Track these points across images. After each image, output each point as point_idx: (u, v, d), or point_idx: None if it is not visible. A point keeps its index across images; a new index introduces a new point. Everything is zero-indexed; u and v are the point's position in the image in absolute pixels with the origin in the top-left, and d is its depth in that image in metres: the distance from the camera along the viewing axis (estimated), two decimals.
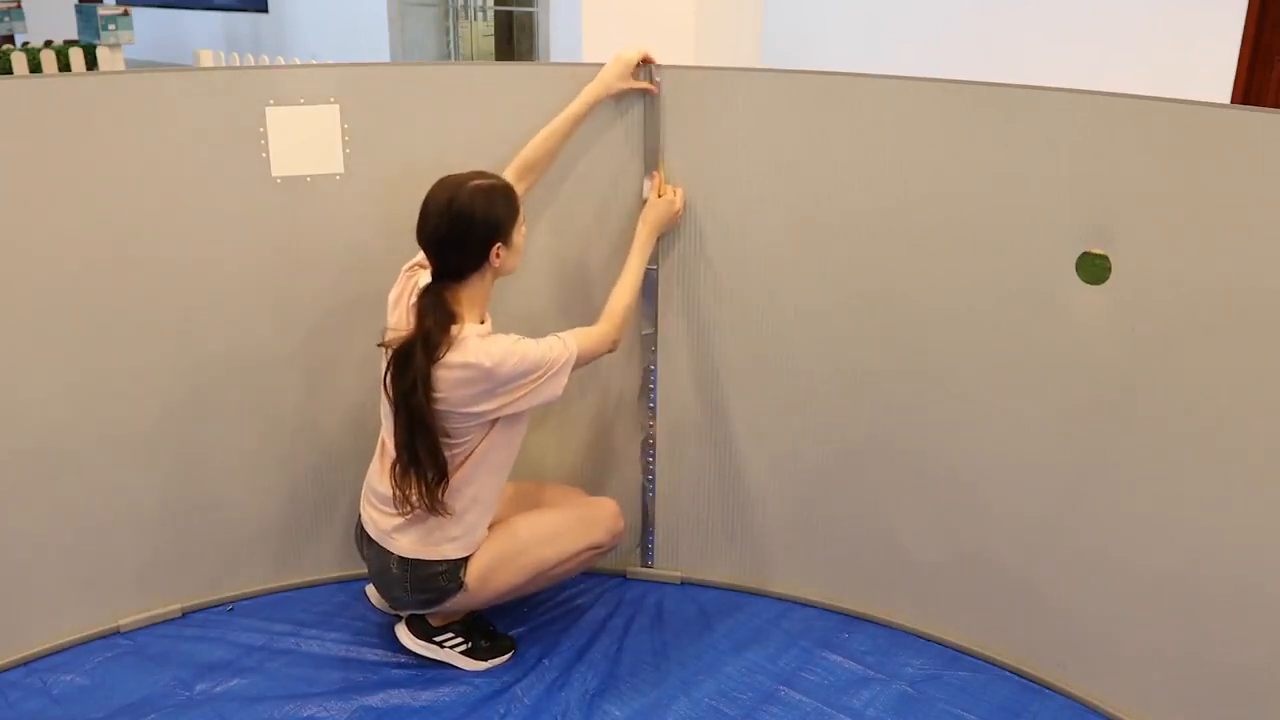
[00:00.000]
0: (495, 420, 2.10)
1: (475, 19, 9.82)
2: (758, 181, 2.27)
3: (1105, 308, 2.00)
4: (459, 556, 2.16)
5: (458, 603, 2.22)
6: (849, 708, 2.21)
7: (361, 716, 2.17)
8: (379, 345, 2.09)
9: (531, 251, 2.34)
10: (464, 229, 2.01)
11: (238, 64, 7.25)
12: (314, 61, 5.47)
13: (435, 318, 2.02)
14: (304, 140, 2.26)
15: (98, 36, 7.18)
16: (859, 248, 2.25)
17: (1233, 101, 5.38)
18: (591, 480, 2.59)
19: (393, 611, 2.40)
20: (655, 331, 2.44)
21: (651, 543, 2.64)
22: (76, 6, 7.49)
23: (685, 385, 2.48)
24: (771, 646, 2.41)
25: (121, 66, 7.09)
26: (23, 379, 2.17)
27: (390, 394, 2.04)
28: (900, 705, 2.22)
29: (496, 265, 2.07)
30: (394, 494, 2.09)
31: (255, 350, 2.37)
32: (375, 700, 2.22)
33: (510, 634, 2.40)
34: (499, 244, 2.05)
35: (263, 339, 2.37)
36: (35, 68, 6.59)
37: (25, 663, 2.31)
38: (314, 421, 2.46)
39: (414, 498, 2.08)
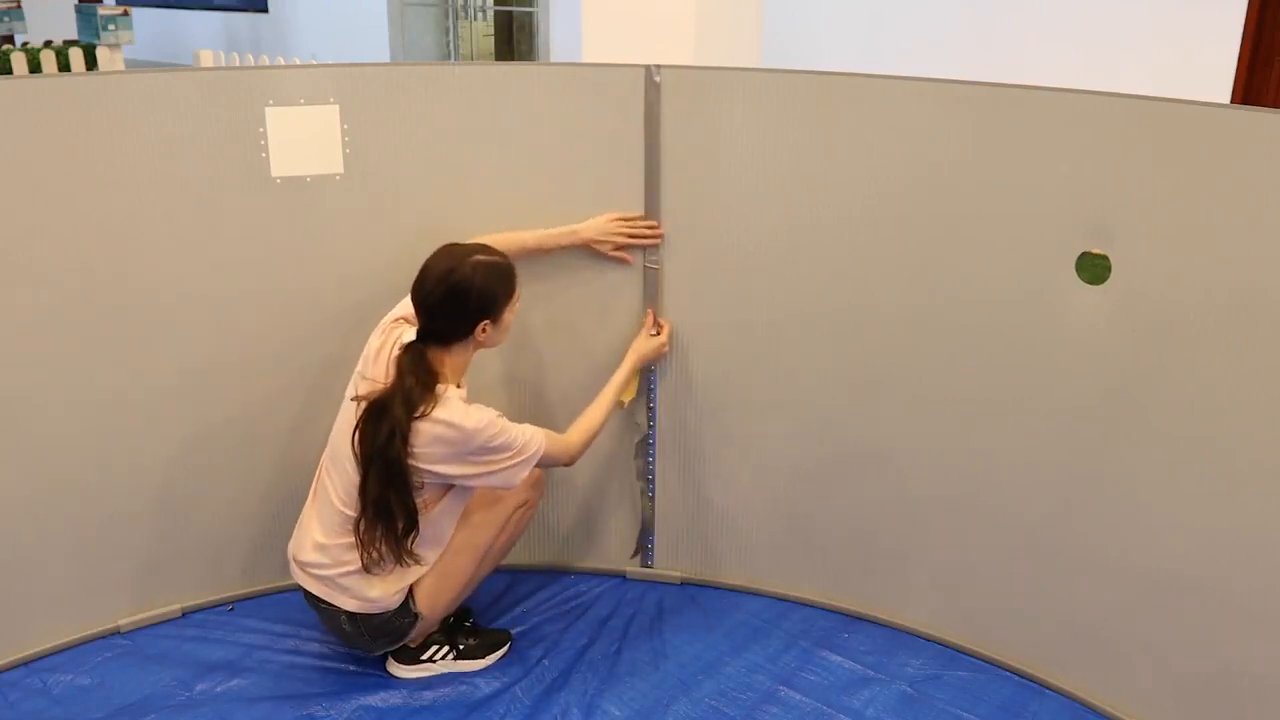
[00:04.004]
0: (447, 491, 2.12)
1: (475, 19, 9.84)
2: (757, 181, 2.27)
3: (1105, 308, 2.00)
4: (399, 601, 2.15)
5: (423, 627, 2.23)
6: (849, 708, 2.21)
7: (361, 716, 2.17)
8: (353, 399, 2.07)
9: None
10: (458, 301, 2.04)
11: (238, 64, 7.25)
12: (314, 61, 5.47)
13: (417, 376, 2.02)
14: (304, 140, 2.26)
15: (98, 36, 7.19)
16: (858, 248, 2.25)
17: (1233, 101, 5.38)
18: (591, 481, 2.58)
19: None
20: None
21: (651, 543, 2.64)
22: (76, 6, 7.50)
23: (685, 385, 2.48)
24: (771, 646, 2.41)
25: (121, 66, 7.10)
26: (21, 379, 2.17)
27: (360, 448, 2.02)
28: (900, 705, 2.23)
29: (480, 340, 2.10)
30: (360, 553, 2.07)
31: (254, 350, 2.37)
32: (375, 700, 2.22)
33: (502, 629, 2.41)
34: (487, 321, 2.07)
35: (262, 339, 2.37)
36: (35, 68, 6.60)
37: (25, 663, 2.31)
38: (314, 421, 2.45)
39: (383, 550, 2.07)
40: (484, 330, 2.08)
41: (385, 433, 1.99)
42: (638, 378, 2.46)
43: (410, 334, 2.10)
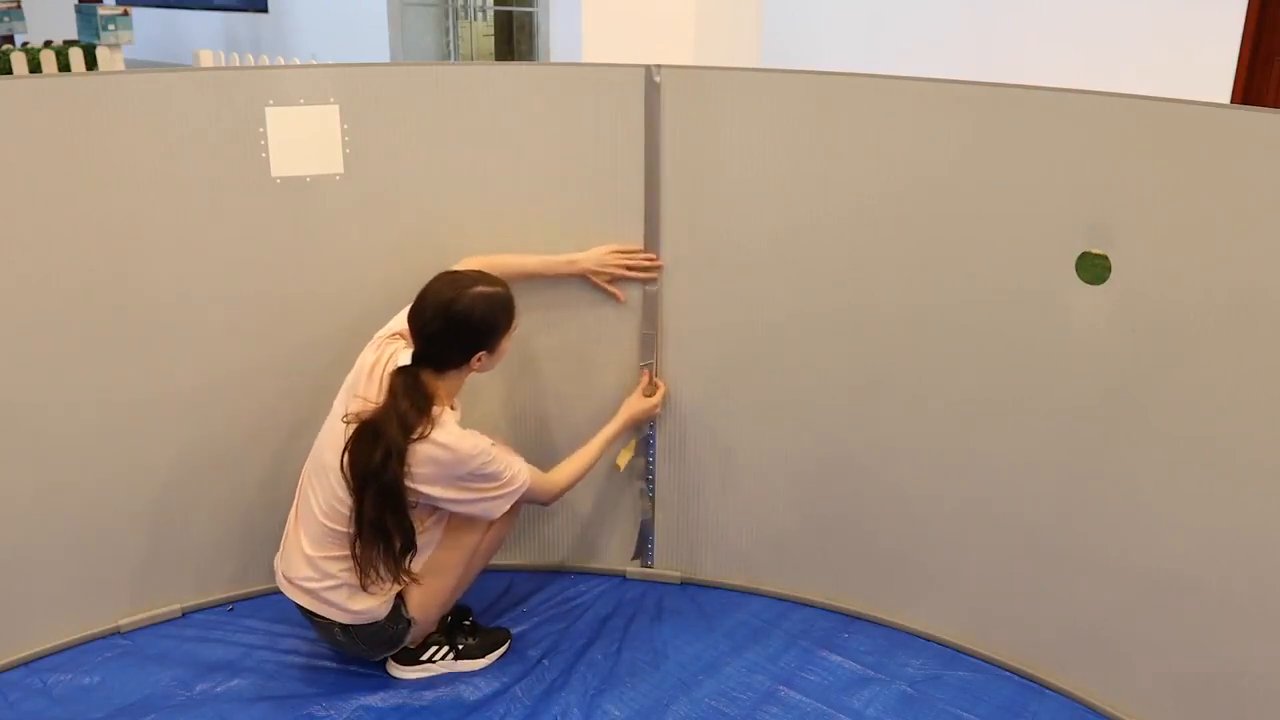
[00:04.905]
0: (431, 516, 2.12)
1: (475, 19, 9.83)
2: (757, 181, 2.27)
3: (1105, 308, 2.00)
4: (387, 610, 2.15)
5: (418, 632, 2.23)
6: (849, 708, 2.21)
7: (361, 716, 2.17)
8: (343, 420, 2.06)
9: (529, 241, 2.36)
10: (456, 331, 2.05)
11: (238, 64, 7.25)
12: (314, 61, 5.47)
13: (412, 400, 2.02)
14: (304, 140, 2.26)
15: (98, 36, 7.18)
16: (858, 248, 2.25)
17: (1233, 101, 5.38)
18: (591, 481, 2.58)
19: None
20: (655, 332, 2.44)
21: (651, 543, 2.64)
22: (76, 6, 7.49)
23: (685, 385, 2.48)
24: (771, 646, 2.41)
25: (121, 66, 7.09)
26: (21, 380, 2.17)
27: (352, 469, 2.01)
28: (900, 705, 2.23)
29: (475, 368, 2.11)
30: (358, 573, 2.07)
31: (254, 350, 2.37)
32: (375, 700, 2.22)
33: (501, 627, 2.41)
34: (484, 352, 2.08)
35: (263, 338, 2.37)
36: (35, 68, 6.59)
37: (25, 663, 2.31)
38: (314, 422, 2.44)
39: (381, 570, 2.07)
40: (479, 359, 2.09)
41: (380, 455, 1.98)
42: (634, 442, 2.51)
43: (404, 354, 2.08)
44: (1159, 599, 2.07)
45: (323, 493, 2.10)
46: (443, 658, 2.30)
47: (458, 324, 2.04)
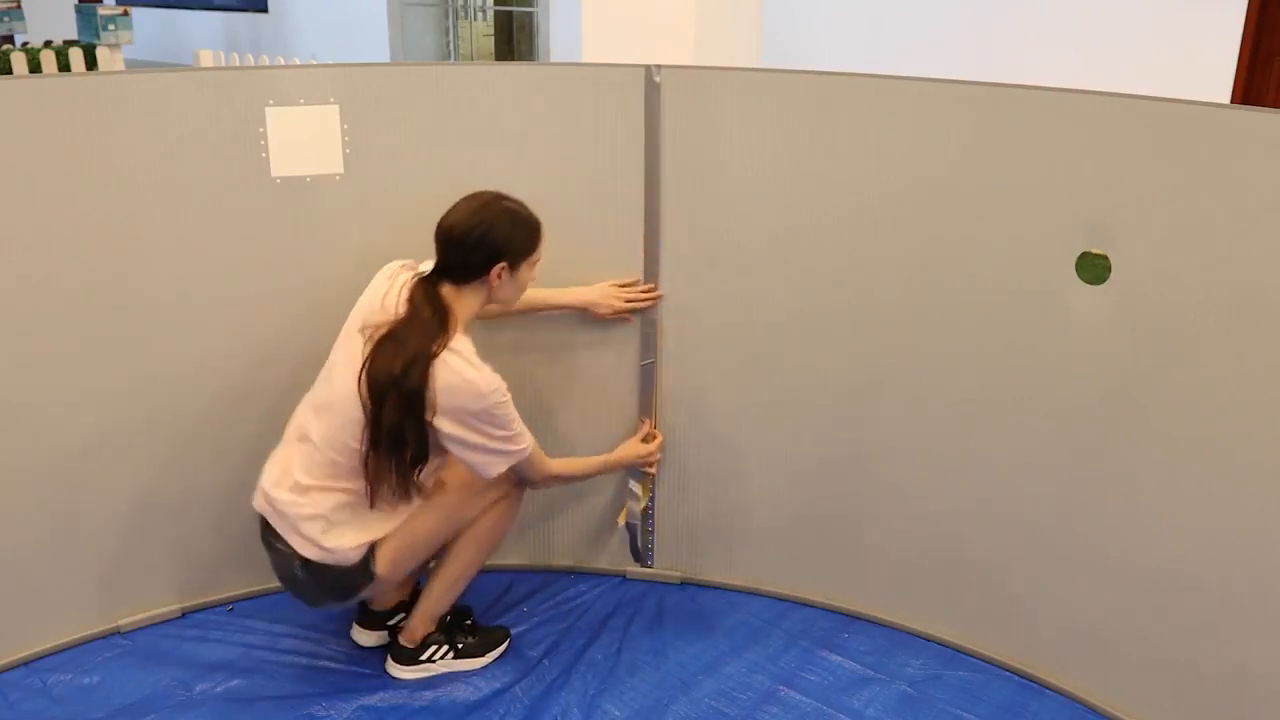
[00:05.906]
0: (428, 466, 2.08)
1: (475, 19, 9.83)
2: (757, 181, 2.27)
3: (1105, 308, 2.00)
4: (359, 557, 2.06)
5: (378, 591, 2.18)
6: (849, 708, 2.21)
7: (361, 716, 2.17)
8: (360, 332, 2.02)
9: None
10: (479, 236, 2.01)
11: (238, 64, 7.25)
12: (314, 61, 5.48)
13: (433, 309, 2.00)
14: (304, 140, 2.26)
15: (98, 36, 7.18)
16: (858, 248, 2.25)
17: (1233, 101, 5.38)
18: (591, 480, 2.57)
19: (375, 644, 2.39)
20: (655, 332, 2.44)
21: (651, 543, 2.64)
22: (76, 6, 7.49)
23: (684, 385, 2.48)
24: (771, 646, 2.41)
25: (121, 66, 7.09)
26: (21, 379, 2.17)
27: (371, 380, 1.97)
28: (900, 705, 2.23)
29: (494, 285, 2.06)
30: (367, 489, 2.02)
31: (253, 350, 2.37)
32: (375, 700, 2.22)
33: (501, 626, 2.42)
34: (504, 265, 2.04)
35: (261, 339, 2.37)
36: (35, 68, 6.58)
37: (25, 663, 2.31)
38: None
39: (394, 482, 2.01)
40: (499, 276, 2.04)
41: (403, 362, 1.94)
42: (628, 507, 2.53)
43: (425, 265, 2.08)
44: (1159, 599, 2.07)
45: (327, 419, 2.04)
46: (442, 657, 2.30)
47: (481, 228, 2.01)
